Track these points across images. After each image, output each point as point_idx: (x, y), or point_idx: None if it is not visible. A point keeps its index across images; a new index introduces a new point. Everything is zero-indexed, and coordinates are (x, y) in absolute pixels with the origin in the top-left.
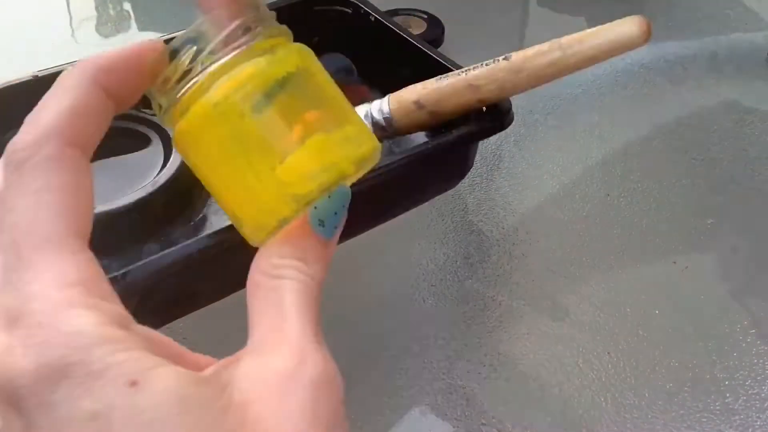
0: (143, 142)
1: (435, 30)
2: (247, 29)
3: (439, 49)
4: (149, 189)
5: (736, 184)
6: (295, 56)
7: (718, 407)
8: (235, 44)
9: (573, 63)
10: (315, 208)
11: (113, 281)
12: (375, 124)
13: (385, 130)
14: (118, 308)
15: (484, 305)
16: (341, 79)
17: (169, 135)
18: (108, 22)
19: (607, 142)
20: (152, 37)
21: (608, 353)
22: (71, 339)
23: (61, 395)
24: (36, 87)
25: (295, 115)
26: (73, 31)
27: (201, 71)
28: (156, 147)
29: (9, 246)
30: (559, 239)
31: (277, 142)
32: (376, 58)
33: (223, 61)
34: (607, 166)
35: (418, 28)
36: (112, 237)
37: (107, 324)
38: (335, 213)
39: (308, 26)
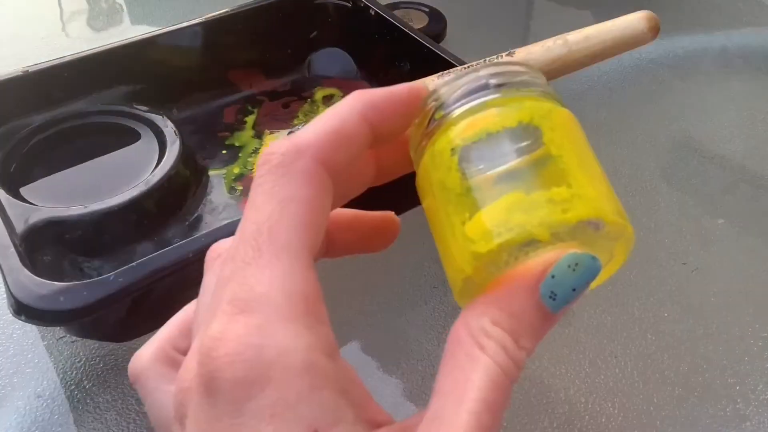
0: (137, 140)
1: (437, 24)
2: (488, 85)
3: (441, 44)
4: (143, 188)
5: (747, 183)
6: (522, 112)
7: (728, 413)
8: (470, 98)
9: (579, 59)
10: (553, 276)
11: (106, 282)
12: None
13: None
14: (330, 335)
15: None
16: (340, 75)
17: (163, 132)
18: (100, 16)
19: (615, 139)
20: (145, 30)
21: (615, 357)
22: (280, 359)
23: (251, 411)
24: (26, 82)
25: (499, 171)
26: (63, 24)
27: (435, 124)
28: (150, 145)
29: (248, 239)
30: None
31: (473, 195)
32: (376, 53)
33: (453, 114)
34: (615, 164)
35: (419, 22)
36: (105, 237)
37: (317, 350)
38: (573, 289)
39: (307, 21)
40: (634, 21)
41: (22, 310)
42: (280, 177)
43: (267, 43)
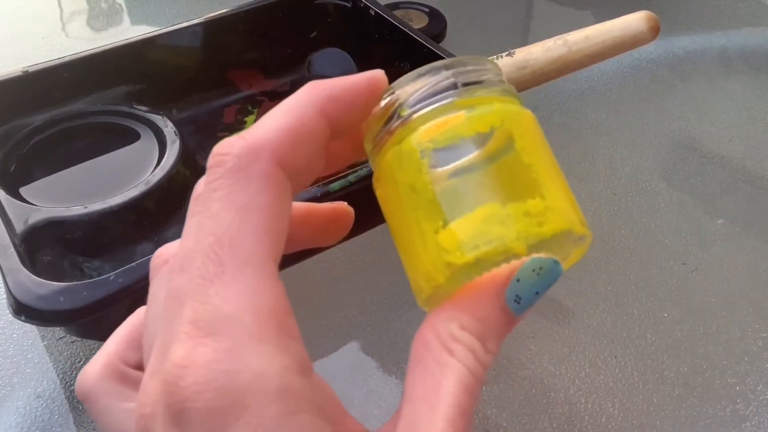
0: (137, 140)
1: (437, 24)
2: (455, 84)
3: (441, 44)
4: (143, 188)
5: (747, 183)
6: (494, 116)
7: (728, 413)
8: (437, 97)
9: (578, 60)
10: (518, 281)
11: (106, 282)
12: None
13: None
14: (303, 352)
15: None
16: (340, 75)
17: (163, 132)
18: (99, 16)
19: (614, 140)
20: (145, 30)
21: (615, 357)
22: (254, 384)
23: None
24: (26, 82)
25: (472, 178)
26: (63, 24)
27: (400, 121)
28: (150, 145)
29: (207, 252)
30: None
31: (446, 203)
32: (376, 53)
33: (420, 113)
34: (614, 164)
35: (419, 22)
36: (104, 237)
37: (291, 371)
38: (536, 293)
39: (307, 21)
40: (634, 21)
41: (22, 310)
42: (236, 182)
43: (267, 43)
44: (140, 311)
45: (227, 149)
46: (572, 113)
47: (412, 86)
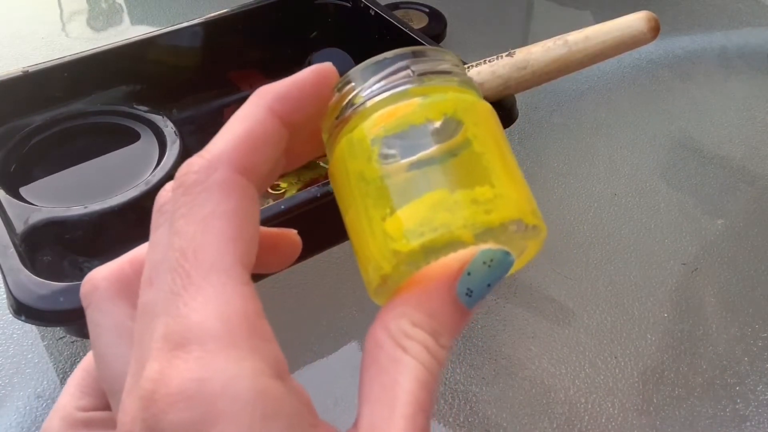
0: (137, 140)
1: (437, 24)
2: (410, 74)
3: (441, 44)
4: (143, 188)
5: (746, 184)
6: (446, 104)
7: (728, 413)
8: (391, 85)
9: (578, 60)
10: (469, 273)
11: None
12: None
13: None
14: (278, 354)
15: (488, 308)
16: (339, 75)
17: (163, 132)
18: (99, 16)
19: (614, 140)
20: (145, 30)
21: (615, 357)
22: (227, 390)
23: None
24: (26, 82)
25: (421, 165)
26: (63, 24)
27: (353, 109)
28: (150, 145)
29: (175, 269)
30: (565, 240)
31: (394, 190)
32: (376, 53)
33: (373, 101)
34: (614, 165)
35: (419, 22)
36: (104, 237)
37: (265, 374)
38: (488, 285)
39: (307, 21)
40: (634, 21)
41: (22, 310)
42: (196, 196)
43: (267, 43)
44: (88, 358)
45: (187, 169)
46: (572, 113)
47: (368, 75)
